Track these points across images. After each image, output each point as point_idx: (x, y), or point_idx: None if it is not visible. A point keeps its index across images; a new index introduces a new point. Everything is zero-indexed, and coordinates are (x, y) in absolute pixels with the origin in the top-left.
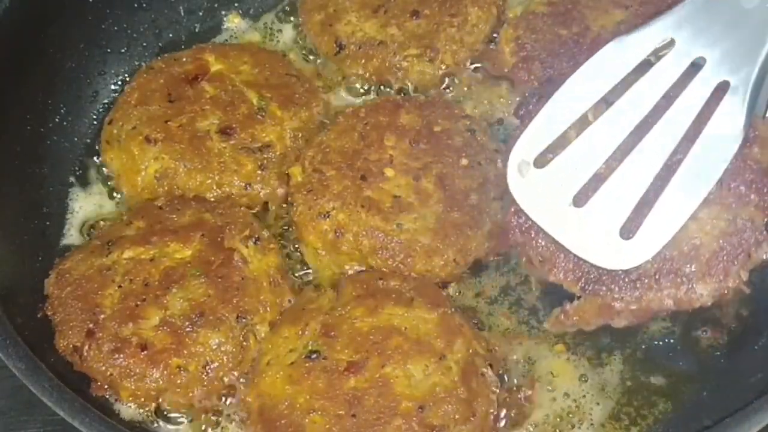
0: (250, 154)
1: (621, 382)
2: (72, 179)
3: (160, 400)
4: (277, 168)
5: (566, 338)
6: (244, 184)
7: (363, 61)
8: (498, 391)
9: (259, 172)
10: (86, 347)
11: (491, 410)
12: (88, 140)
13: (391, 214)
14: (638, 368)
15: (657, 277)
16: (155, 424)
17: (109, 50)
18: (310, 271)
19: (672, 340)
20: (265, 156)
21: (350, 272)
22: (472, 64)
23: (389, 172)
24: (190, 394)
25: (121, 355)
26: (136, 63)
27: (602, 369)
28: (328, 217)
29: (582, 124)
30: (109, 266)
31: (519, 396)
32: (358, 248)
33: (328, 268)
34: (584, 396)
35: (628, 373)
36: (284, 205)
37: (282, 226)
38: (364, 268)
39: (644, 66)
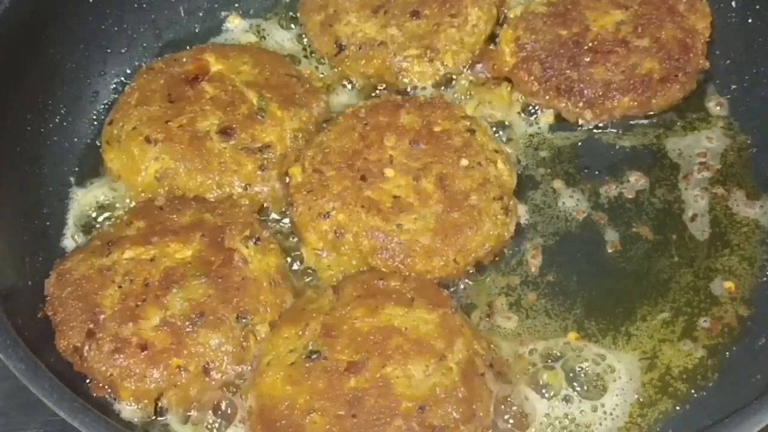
0: (250, 154)
1: (621, 382)
2: (72, 179)
3: (160, 400)
4: (277, 168)
5: (567, 337)
6: (244, 185)
7: (363, 61)
8: (498, 391)
9: (259, 172)
10: (86, 347)
11: (491, 411)
12: (88, 140)
13: (391, 214)
14: (638, 368)
15: None
16: (155, 425)
17: (109, 50)
18: (310, 271)
19: (672, 340)
20: (265, 156)
21: (351, 272)
22: (472, 64)
23: (389, 172)
24: (190, 395)
25: (121, 356)
26: (136, 63)
27: (602, 368)
28: (328, 217)
29: None
30: (109, 266)
31: (519, 396)
32: (358, 248)
33: (328, 269)
34: (584, 396)
35: (628, 373)
36: (284, 206)
37: (282, 226)
38: (364, 269)
39: None
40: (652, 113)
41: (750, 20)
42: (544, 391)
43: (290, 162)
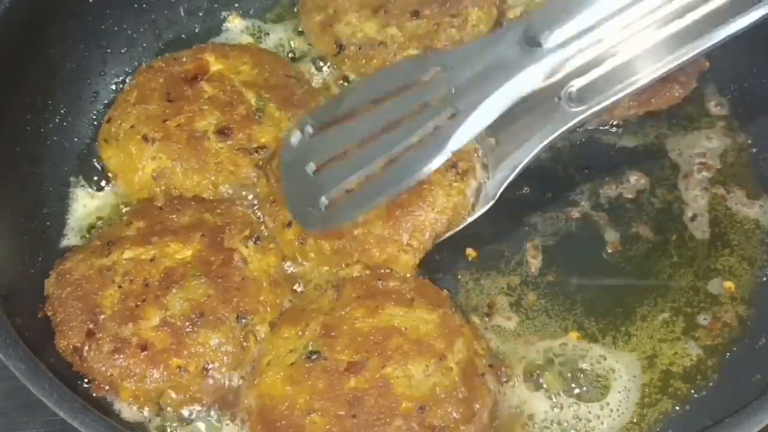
0: (246, 154)
1: (621, 382)
2: (72, 179)
3: (160, 400)
4: None
5: (567, 337)
6: (240, 185)
7: (363, 61)
8: (498, 391)
9: (256, 172)
10: (86, 347)
11: (491, 411)
12: (88, 140)
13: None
14: (638, 368)
15: None
16: (155, 425)
17: (109, 50)
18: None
19: (672, 339)
20: (262, 157)
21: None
22: None
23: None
24: (190, 395)
25: (121, 356)
26: (136, 63)
27: (602, 368)
28: (290, 226)
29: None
30: (109, 266)
31: (519, 396)
32: (321, 251)
33: (309, 274)
34: (584, 396)
35: (627, 373)
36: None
37: None
38: (336, 269)
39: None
40: (652, 113)
41: None
42: (544, 391)
43: None
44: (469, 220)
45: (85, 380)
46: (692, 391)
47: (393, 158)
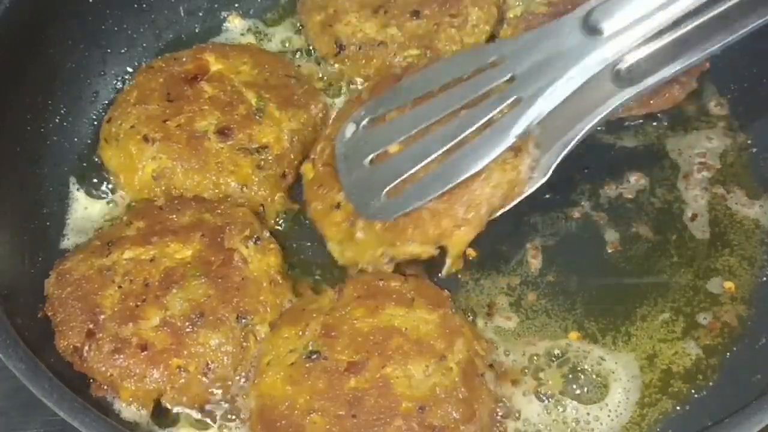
0: (247, 155)
1: (621, 382)
2: (72, 179)
3: (161, 400)
4: (274, 169)
5: (567, 337)
6: (240, 185)
7: (363, 61)
8: (498, 391)
9: (257, 172)
10: (86, 347)
11: (491, 411)
12: (88, 140)
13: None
14: (637, 368)
15: None
16: (155, 425)
17: (109, 50)
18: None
19: (672, 339)
20: (262, 157)
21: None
22: None
23: (393, 148)
24: (190, 395)
25: (121, 356)
26: (136, 63)
27: (602, 369)
28: (339, 207)
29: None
30: (109, 266)
31: (519, 396)
32: (372, 231)
33: (354, 259)
34: (584, 396)
35: (627, 373)
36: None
37: (280, 226)
38: (383, 250)
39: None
40: (652, 113)
41: None
42: (544, 391)
43: (289, 162)
44: (523, 196)
45: (86, 380)
46: (692, 391)
47: (454, 146)
